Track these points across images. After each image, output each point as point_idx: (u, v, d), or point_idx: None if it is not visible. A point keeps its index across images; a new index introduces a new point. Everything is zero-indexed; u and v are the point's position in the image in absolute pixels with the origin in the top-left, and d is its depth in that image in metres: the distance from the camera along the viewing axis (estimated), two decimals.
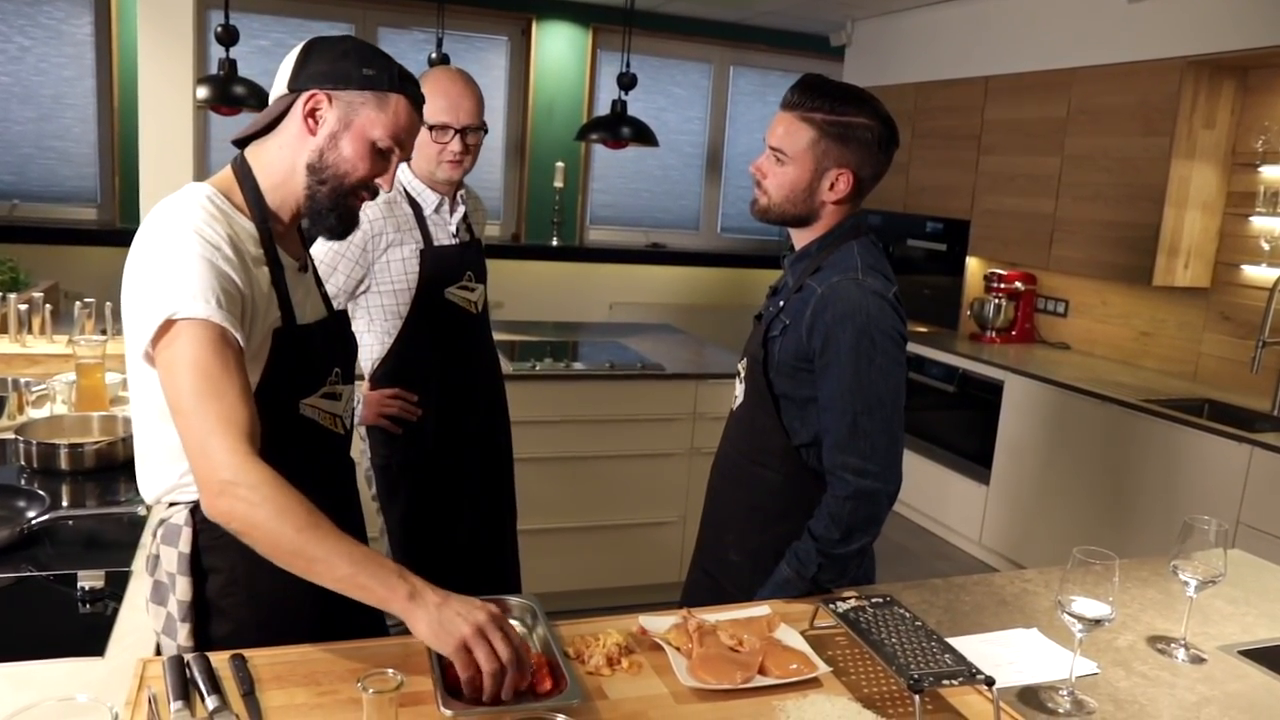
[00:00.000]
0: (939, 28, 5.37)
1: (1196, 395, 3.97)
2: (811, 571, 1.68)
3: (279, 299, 1.41)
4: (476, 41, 6.04)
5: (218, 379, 1.25)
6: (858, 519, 1.66)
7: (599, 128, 4.37)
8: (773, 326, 1.77)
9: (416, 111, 1.46)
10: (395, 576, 1.22)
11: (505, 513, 2.66)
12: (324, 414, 1.49)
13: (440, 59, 4.28)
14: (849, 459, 1.65)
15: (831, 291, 1.67)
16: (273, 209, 1.44)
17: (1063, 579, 1.43)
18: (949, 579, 1.89)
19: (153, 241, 1.32)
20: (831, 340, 1.65)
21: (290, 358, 1.40)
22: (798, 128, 1.68)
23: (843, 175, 1.70)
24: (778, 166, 1.71)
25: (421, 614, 1.21)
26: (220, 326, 1.26)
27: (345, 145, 1.40)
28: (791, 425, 1.76)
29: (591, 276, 6.38)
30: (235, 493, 1.21)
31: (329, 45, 1.42)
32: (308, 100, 1.39)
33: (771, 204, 1.74)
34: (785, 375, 1.74)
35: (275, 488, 1.21)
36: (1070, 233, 4.46)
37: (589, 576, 3.70)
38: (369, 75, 1.40)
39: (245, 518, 1.22)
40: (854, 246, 1.74)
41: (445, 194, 2.38)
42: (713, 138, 6.69)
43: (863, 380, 1.64)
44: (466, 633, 1.20)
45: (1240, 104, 4.05)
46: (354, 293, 2.32)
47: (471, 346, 2.45)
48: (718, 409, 3.72)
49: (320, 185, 1.42)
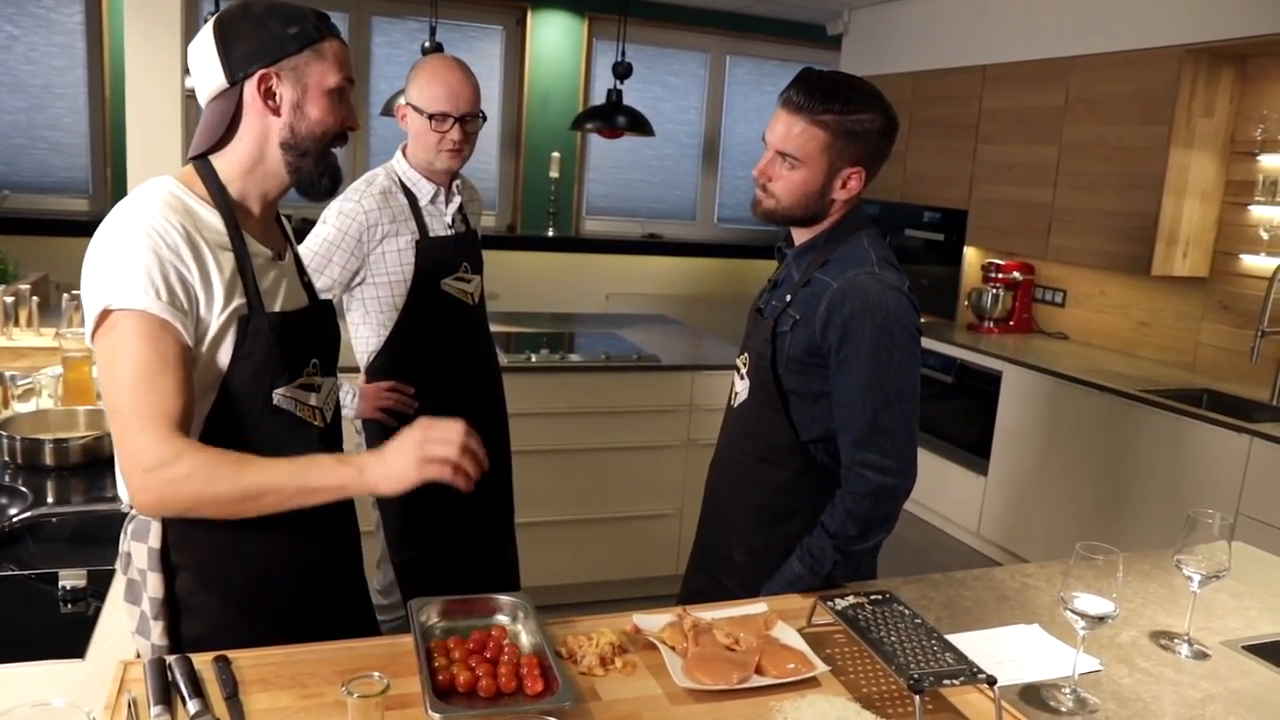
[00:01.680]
0: (936, 16, 5.32)
1: (1195, 385, 3.94)
2: (826, 568, 1.66)
3: (244, 286, 1.37)
4: (470, 31, 5.99)
5: (150, 371, 1.24)
6: (876, 515, 1.64)
7: (594, 117, 4.34)
8: (781, 321, 1.73)
9: (342, 40, 1.45)
10: (336, 465, 1.31)
11: (504, 507, 2.64)
12: (300, 405, 1.45)
13: (434, 47, 4.23)
14: (869, 455, 1.63)
15: (848, 286, 1.64)
16: (237, 198, 1.41)
17: (1065, 574, 1.40)
18: (949, 574, 1.87)
19: (103, 234, 1.31)
20: (849, 335, 1.62)
21: (258, 345, 1.37)
22: (809, 131, 1.63)
23: (855, 173, 1.67)
24: (787, 170, 1.66)
25: (376, 479, 1.30)
26: (159, 318, 1.25)
27: (311, 109, 1.39)
28: (800, 421, 1.73)
29: (587, 267, 6.35)
30: (161, 477, 1.23)
31: (240, 21, 1.38)
32: (258, 85, 1.36)
33: (780, 207, 1.70)
34: (795, 371, 1.71)
35: (195, 454, 1.24)
36: (1069, 222, 4.43)
37: (585, 570, 3.67)
38: (296, 33, 1.38)
39: (179, 497, 1.25)
40: (863, 239, 1.71)
41: (441, 184, 2.35)
42: (709, 127, 6.65)
43: (882, 376, 1.61)
44: (416, 458, 1.30)
45: (1239, 92, 4.02)
46: (350, 284, 2.29)
47: (468, 338, 2.42)
48: (714, 400, 3.69)
49: (302, 158, 1.41)
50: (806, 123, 1.63)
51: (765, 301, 1.84)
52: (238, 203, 1.42)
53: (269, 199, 1.45)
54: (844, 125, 1.63)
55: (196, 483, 1.23)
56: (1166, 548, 1.82)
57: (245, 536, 1.38)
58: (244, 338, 1.36)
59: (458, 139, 2.26)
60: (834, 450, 1.72)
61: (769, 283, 1.86)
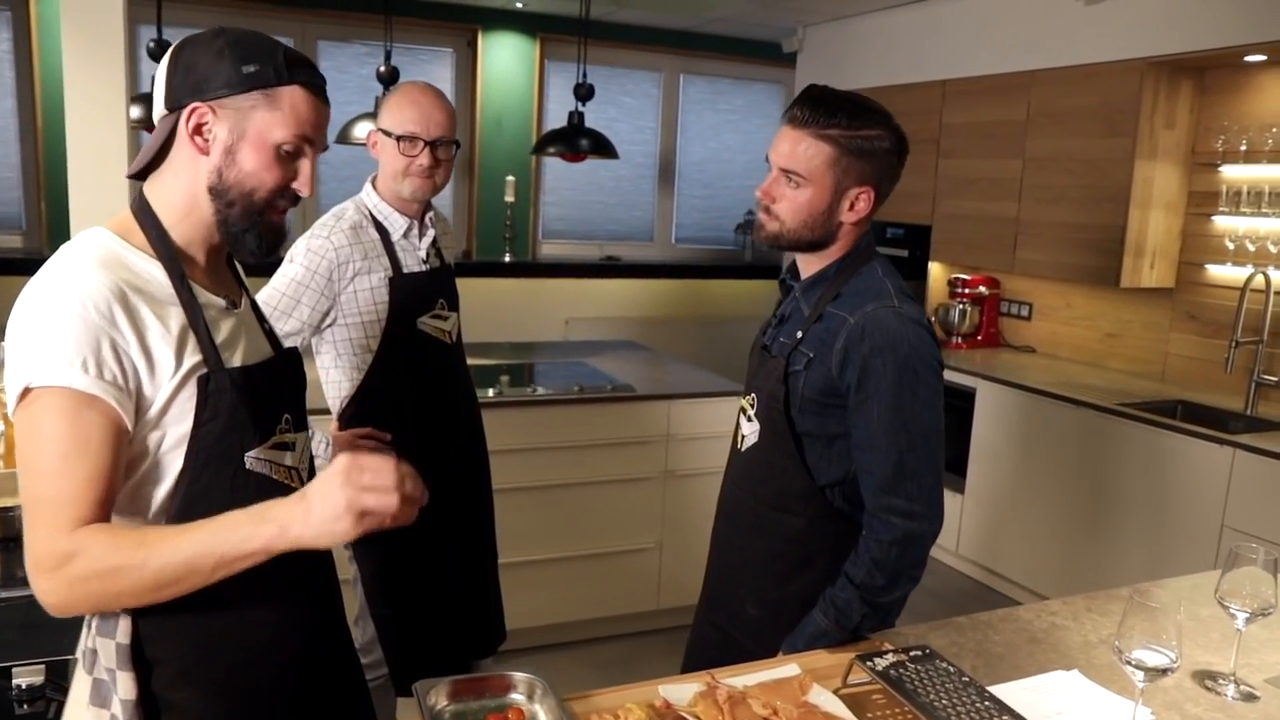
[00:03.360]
0: (892, 32, 5.32)
1: (1168, 396, 3.94)
2: (854, 621, 1.56)
3: (199, 341, 1.23)
4: (421, 54, 5.85)
5: (66, 456, 1.11)
6: (904, 564, 1.55)
7: (556, 140, 4.23)
8: (793, 360, 1.63)
9: (318, 97, 1.29)
10: (254, 524, 1.13)
11: (487, 553, 2.50)
12: (276, 467, 1.32)
13: (389, 73, 4.09)
14: (894, 501, 1.53)
15: (866, 321, 1.54)
16: (181, 245, 1.27)
17: (1121, 624, 1.32)
18: (973, 616, 1.78)
19: (27, 300, 1.16)
20: (869, 373, 1.52)
21: (222, 406, 1.24)
22: (813, 146, 1.54)
23: (864, 193, 1.58)
24: (792, 189, 1.57)
25: (303, 532, 1.12)
26: (86, 394, 1.11)
27: (245, 158, 1.24)
28: (816, 465, 1.62)
29: (545, 292, 6.22)
30: (62, 578, 1.09)
31: (200, 47, 1.25)
32: (189, 117, 1.23)
33: (784, 229, 1.60)
34: (809, 412, 1.61)
35: (93, 546, 1.10)
36: (1034, 235, 4.42)
37: (563, 609, 3.53)
38: (251, 73, 1.23)
39: (87, 596, 1.11)
40: (876, 268, 1.62)
41: (414, 217, 2.22)
42: (664, 147, 6.57)
43: (906, 416, 1.52)
44: (346, 511, 1.11)
45: (1198, 104, 4.05)
46: (320, 326, 2.14)
47: (446, 379, 2.29)
48: (691, 430, 3.59)
49: (229, 208, 1.26)
50: (812, 137, 1.55)
51: (771, 338, 1.73)
52: (181, 250, 1.27)
53: (214, 245, 1.31)
54: (851, 141, 1.55)
55: (101, 580, 1.10)
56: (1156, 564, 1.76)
57: (230, 616, 1.24)
58: (205, 399, 1.22)
59: (427, 164, 2.14)
60: (852, 494, 1.63)
61: (775, 317, 1.75)
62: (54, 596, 1.11)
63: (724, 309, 6.72)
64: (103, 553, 1.10)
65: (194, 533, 1.12)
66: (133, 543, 1.11)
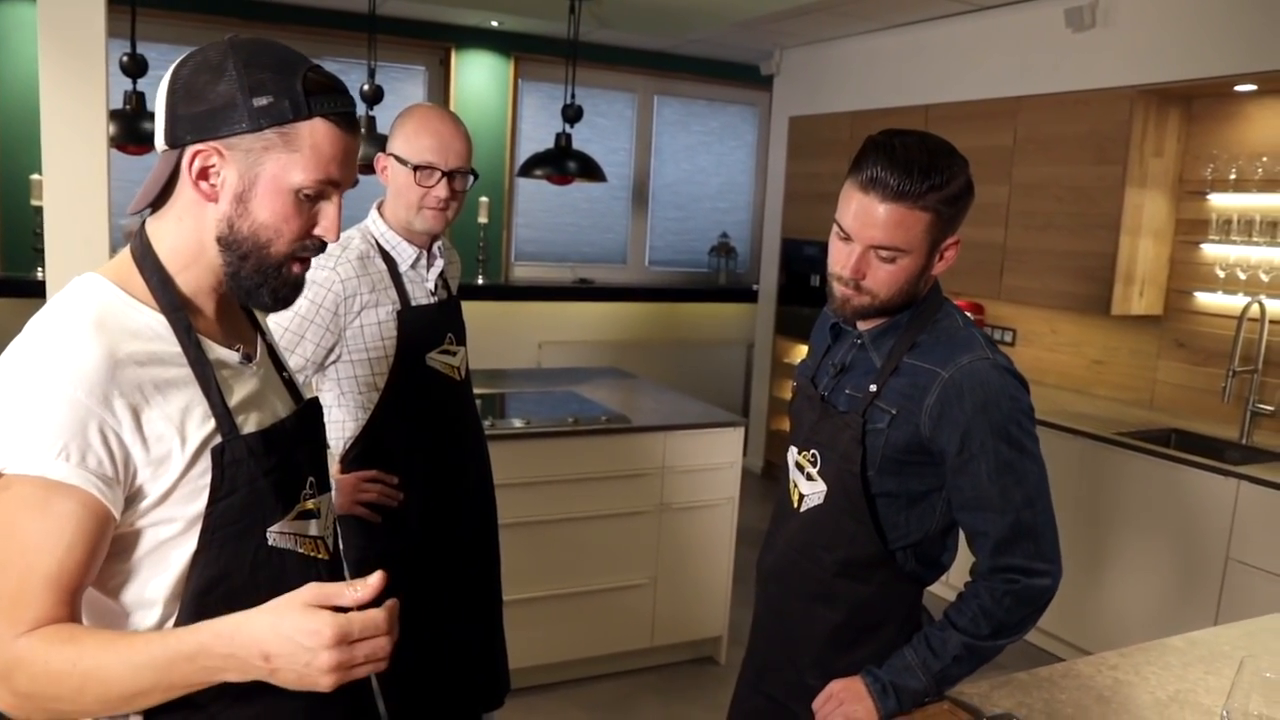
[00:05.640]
0: (873, 56, 5.29)
1: (1160, 425, 3.92)
2: (942, 665, 1.46)
3: (210, 406, 1.09)
4: (392, 71, 5.70)
5: (34, 550, 0.98)
6: (1014, 618, 1.46)
7: (543, 163, 4.12)
8: (872, 417, 1.49)
9: (344, 129, 1.11)
10: (209, 661, 0.98)
11: (493, 602, 2.36)
12: (301, 540, 1.17)
13: (373, 91, 3.95)
14: (1014, 560, 1.44)
15: (964, 376, 1.43)
16: (188, 295, 1.12)
17: (1231, 692, 1.23)
18: (1032, 672, 1.69)
19: (9, 366, 1.02)
20: (973, 433, 1.42)
21: (240, 480, 1.09)
22: (912, 217, 1.39)
23: (952, 246, 1.48)
24: (888, 264, 1.43)
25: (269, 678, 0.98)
26: (63, 484, 0.98)
27: (259, 207, 1.08)
28: (892, 527, 1.51)
29: (518, 315, 6.08)
30: (10, 685, 0.97)
31: (204, 71, 1.07)
32: (192, 160, 1.07)
33: (878, 301, 1.46)
34: (889, 472, 1.49)
35: (37, 653, 0.96)
36: (1022, 262, 4.40)
37: (553, 649, 3.39)
38: (264, 106, 1.05)
39: (41, 708, 0.99)
40: (955, 315, 1.51)
41: (422, 247, 2.09)
42: (638, 169, 6.49)
43: (1019, 474, 1.43)
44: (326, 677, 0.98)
45: (1185, 133, 4.06)
46: (324, 363, 2.00)
47: (455, 419, 2.16)
48: (687, 462, 3.48)
49: (242, 261, 1.11)
50: (908, 208, 1.38)
51: (828, 387, 1.60)
52: (188, 298, 1.12)
53: (222, 297, 1.16)
54: (947, 200, 1.40)
55: (40, 699, 0.98)
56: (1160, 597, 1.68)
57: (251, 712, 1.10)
58: (221, 473, 1.08)
59: (443, 196, 2.01)
60: (925, 555, 1.53)
61: (834, 365, 1.61)
62: (4, 704, 0.99)
63: (698, 332, 6.64)
64: (40, 673, 0.97)
65: (136, 647, 0.98)
66: (64, 660, 0.96)
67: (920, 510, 1.51)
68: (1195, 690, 1.65)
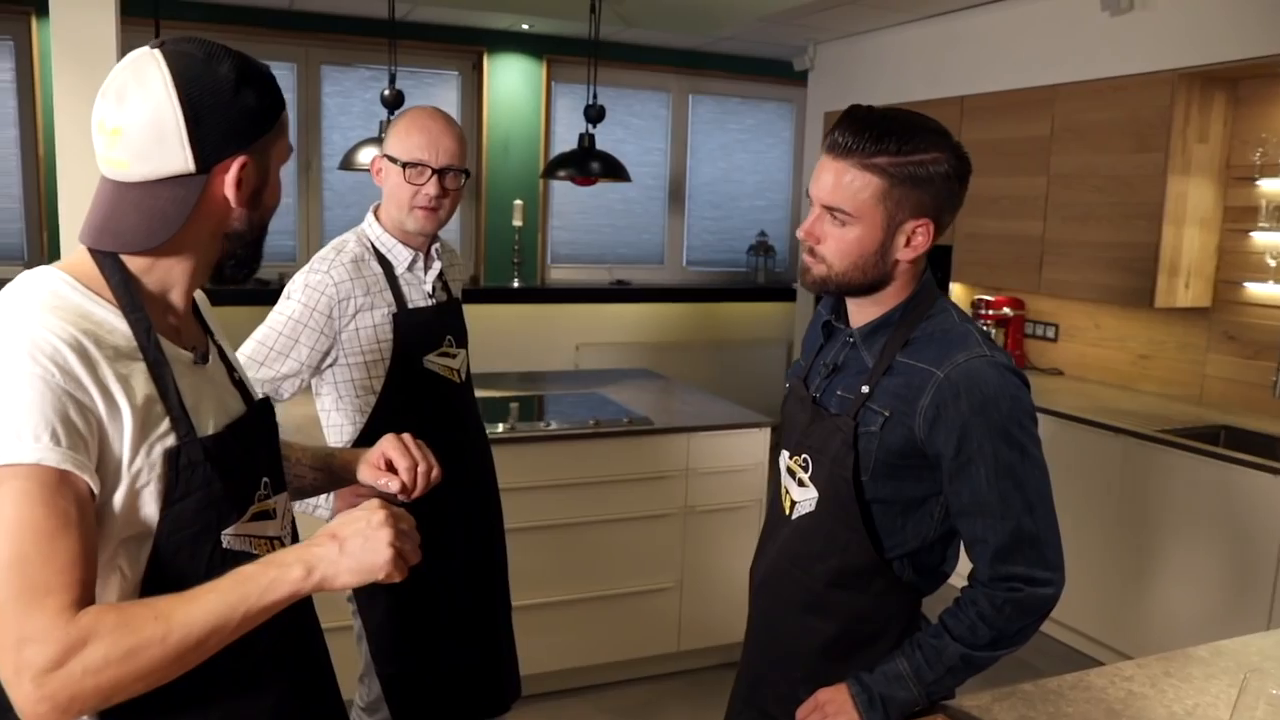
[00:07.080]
0: (906, 47, 5.19)
1: (1210, 421, 3.77)
2: (935, 675, 1.39)
3: (168, 408, 1.07)
4: (425, 77, 5.74)
5: (42, 540, 0.95)
6: (1014, 627, 1.38)
7: (567, 164, 4.09)
8: (864, 419, 1.42)
9: None
10: (279, 571, 1.03)
11: (500, 601, 2.33)
12: (257, 541, 1.16)
13: (394, 96, 3.96)
14: (1014, 569, 1.37)
15: (961, 376, 1.36)
16: (154, 291, 1.11)
17: (1234, 708, 1.15)
18: (1038, 683, 1.61)
19: None
20: (970, 436, 1.34)
21: (195, 482, 1.08)
22: (860, 178, 1.34)
23: (921, 227, 1.38)
24: (837, 228, 1.38)
25: (331, 573, 1.04)
26: (56, 470, 0.96)
27: (270, 195, 1.17)
28: (887, 535, 1.45)
29: (555, 317, 6.08)
30: (67, 675, 0.93)
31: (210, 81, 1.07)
32: (239, 172, 1.10)
33: (832, 273, 1.40)
34: (883, 476, 1.42)
35: (106, 627, 0.95)
36: (1062, 255, 4.27)
37: (578, 653, 3.36)
38: (271, 103, 1.13)
39: (96, 690, 0.94)
40: (950, 311, 1.44)
41: (419, 248, 2.07)
42: (674, 168, 6.44)
43: (1019, 477, 1.35)
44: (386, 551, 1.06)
45: (1232, 116, 3.89)
46: (320, 367, 1.99)
47: (456, 421, 2.13)
48: (712, 464, 3.43)
49: (246, 247, 1.17)
50: (857, 168, 1.34)
51: (822, 389, 1.53)
52: (152, 294, 1.11)
53: (192, 290, 1.16)
54: (903, 169, 1.34)
55: (120, 665, 0.94)
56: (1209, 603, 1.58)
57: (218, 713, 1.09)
58: (176, 475, 1.06)
59: (434, 194, 1.99)
60: (923, 564, 1.46)
61: (825, 365, 1.54)
62: (49, 703, 0.93)
63: (737, 332, 6.57)
64: (117, 634, 0.95)
65: (208, 595, 1.00)
66: (145, 617, 0.97)
67: (917, 517, 1.44)
68: (1216, 704, 1.55)
